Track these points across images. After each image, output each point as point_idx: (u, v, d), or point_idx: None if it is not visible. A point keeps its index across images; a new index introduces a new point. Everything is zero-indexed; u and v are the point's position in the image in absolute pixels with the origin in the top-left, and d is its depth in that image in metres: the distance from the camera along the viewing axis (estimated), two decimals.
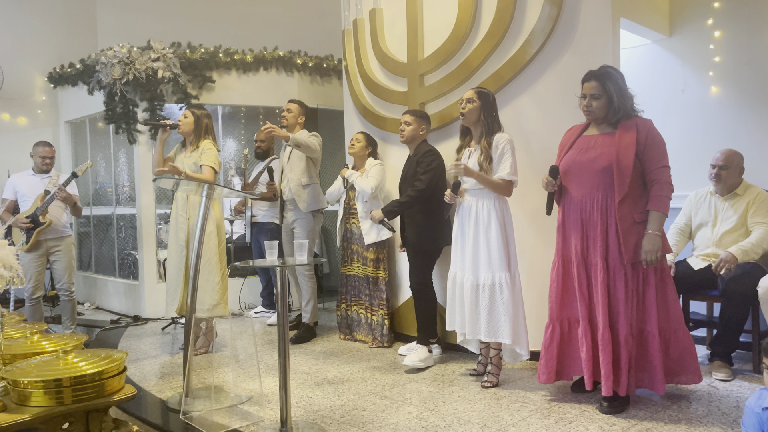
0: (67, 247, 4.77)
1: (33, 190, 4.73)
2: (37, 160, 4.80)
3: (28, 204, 4.70)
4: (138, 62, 5.40)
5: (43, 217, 4.60)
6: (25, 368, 2.22)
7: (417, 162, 3.85)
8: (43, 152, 4.80)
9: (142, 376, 3.77)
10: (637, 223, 2.84)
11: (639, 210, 2.85)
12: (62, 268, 4.73)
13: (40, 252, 4.66)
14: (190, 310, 3.17)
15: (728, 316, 3.42)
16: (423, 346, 3.83)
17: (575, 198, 2.98)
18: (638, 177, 2.85)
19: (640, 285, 2.90)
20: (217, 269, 4.04)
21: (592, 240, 2.92)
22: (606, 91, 2.89)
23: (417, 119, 3.91)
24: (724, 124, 4.16)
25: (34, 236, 4.59)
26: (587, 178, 2.92)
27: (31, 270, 4.62)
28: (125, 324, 5.40)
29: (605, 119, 2.95)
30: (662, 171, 2.82)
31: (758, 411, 1.96)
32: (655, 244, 2.80)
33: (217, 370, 3.87)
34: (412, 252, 3.92)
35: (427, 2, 4.26)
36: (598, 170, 2.87)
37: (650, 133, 2.84)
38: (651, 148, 2.82)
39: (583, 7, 3.56)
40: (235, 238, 6.15)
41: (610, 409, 2.89)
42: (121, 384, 2.33)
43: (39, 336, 2.76)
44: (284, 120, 4.67)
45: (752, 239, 3.47)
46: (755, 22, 4.01)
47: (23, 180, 4.81)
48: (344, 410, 3.06)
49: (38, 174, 4.83)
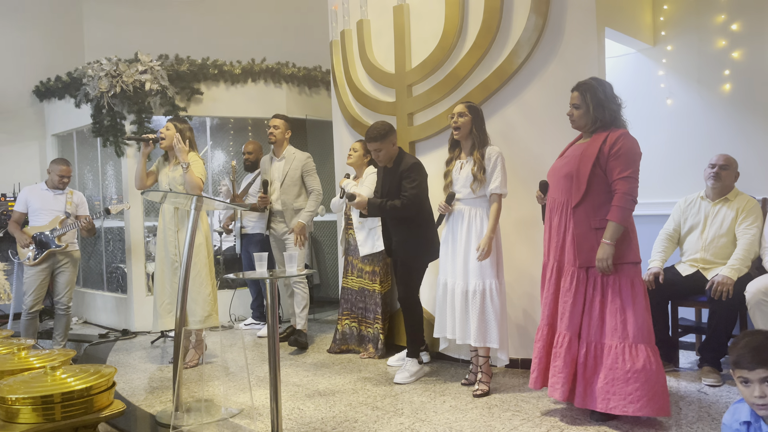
0: (73, 261, 4.79)
1: (46, 205, 4.74)
2: (55, 178, 4.79)
3: (40, 219, 4.71)
4: (125, 75, 5.39)
5: (59, 239, 4.65)
6: (13, 385, 2.20)
7: (402, 176, 3.72)
8: (61, 171, 4.79)
9: (131, 391, 3.74)
10: (594, 230, 2.88)
11: (598, 217, 2.87)
12: (65, 282, 4.74)
13: (47, 265, 4.67)
14: (180, 323, 3.15)
15: (716, 322, 3.45)
16: (413, 359, 3.82)
17: (548, 203, 3.12)
18: (601, 185, 2.88)
19: (596, 292, 2.88)
20: (207, 280, 4.05)
21: (562, 246, 3.01)
22: (585, 102, 2.96)
23: (383, 141, 3.69)
24: (708, 132, 4.21)
25: (45, 254, 4.62)
26: (555, 184, 3.05)
27: (34, 284, 4.62)
28: (114, 338, 5.35)
29: (586, 128, 3.01)
30: (623, 182, 2.82)
31: (737, 427, 1.90)
32: (605, 253, 2.81)
33: (207, 384, 3.84)
34: (399, 265, 3.90)
35: (414, 13, 4.29)
36: (562, 176, 2.99)
37: (617, 143, 2.85)
38: (615, 159, 2.84)
39: (568, 18, 3.60)
40: (224, 249, 6.12)
41: (602, 416, 2.89)
42: (110, 399, 2.31)
43: (26, 352, 2.74)
44: (272, 137, 4.69)
45: (739, 254, 3.48)
46: (737, 32, 4.07)
47: (36, 194, 4.79)
48: (336, 422, 3.04)
49: (51, 189, 4.81)
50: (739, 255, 3.48)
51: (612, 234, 2.82)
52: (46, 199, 4.76)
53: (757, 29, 3.98)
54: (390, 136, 3.74)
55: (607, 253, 2.81)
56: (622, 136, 2.88)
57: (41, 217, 4.71)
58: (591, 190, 2.88)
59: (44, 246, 4.63)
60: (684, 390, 3.33)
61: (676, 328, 3.78)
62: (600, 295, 2.88)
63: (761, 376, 1.79)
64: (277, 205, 4.69)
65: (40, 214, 4.72)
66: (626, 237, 2.87)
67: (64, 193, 4.83)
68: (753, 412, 1.88)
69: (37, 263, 4.60)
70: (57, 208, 4.77)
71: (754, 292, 3.25)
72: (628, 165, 2.84)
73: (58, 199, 4.79)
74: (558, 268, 3.04)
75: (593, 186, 2.88)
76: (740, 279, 3.41)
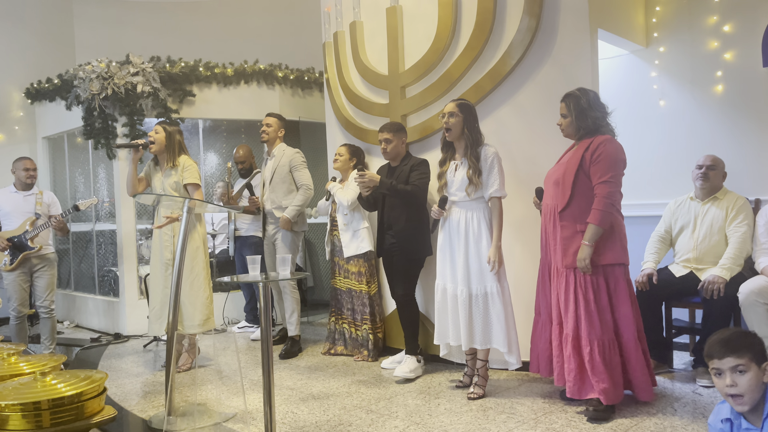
0: (50, 264, 4.74)
1: (17, 208, 4.68)
2: (21, 174, 4.73)
3: (12, 223, 4.65)
4: (117, 77, 5.35)
5: (32, 241, 4.58)
6: (2, 391, 2.17)
7: (411, 170, 3.86)
8: (24, 164, 4.74)
9: (123, 396, 3.71)
10: (580, 233, 3.02)
11: (583, 221, 3.01)
12: (44, 285, 4.68)
13: (24, 269, 4.62)
14: (172, 326, 3.12)
15: (711, 323, 3.44)
16: (412, 356, 3.82)
17: (543, 208, 3.25)
18: (586, 191, 3.02)
19: (579, 290, 3.01)
20: (205, 284, 4.02)
21: (547, 245, 3.22)
22: (570, 111, 3.10)
23: (395, 134, 3.90)
24: (701, 133, 4.22)
25: (20, 258, 4.56)
26: (547, 190, 3.22)
27: (15, 288, 4.58)
28: (106, 342, 5.31)
29: (574, 135, 3.16)
30: (602, 186, 2.95)
31: (720, 426, 1.97)
32: (582, 253, 2.97)
33: (200, 388, 3.81)
34: (397, 263, 3.90)
35: (407, 15, 4.28)
36: (552, 183, 3.15)
37: (598, 149, 2.97)
38: (596, 164, 2.97)
39: (561, 19, 3.60)
40: (218, 252, 6.09)
41: (597, 415, 2.91)
42: (101, 405, 2.29)
43: (16, 357, 2.70)
44: (264, 135, 4.65)
45: (731, 253, 3.49)
46: (730, 33, 4.08)
47: (5, 197, 4.74)
48: (330, 426, 3.02)
49: (21, 191, 4.76)
50: (730, 254, 3.49)
51: (591, 236, 2.96)
52: (16, 202, 4.71)
53: (749, 30, 3.99)
54: (403, 133, 3.98)
55: (586, 254, 2.96)
56: (605, 142, 3.00)
57: (13, 221, 4.65)
58: (575, 195, 3.02)
59: (19, 249, 4.57)
60: (678, 391, 3.33)
61: (670, 328, 3.78)
62: (582, 292, 3.01)
63: (731, 365, 1.87)
64: (267, 204, 4.64)
65: (12, 218, 4.66)
66: (613, 239, 3.00)
67: (34, 194, 4.77)
68: (732, 409, 1.92)
69: (12, 268, 4.55)
70: (27, 209, 4.71)
71: (747, 293, 3.25)
72: (608, 169, 2.95)
73: (27, 201, 4.74)
74: (552, 269, 3.20)
75: (578, 191, 3.02)
76: (734, 279, 3.41)
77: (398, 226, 3.86)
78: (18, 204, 4.70)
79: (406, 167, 3.90)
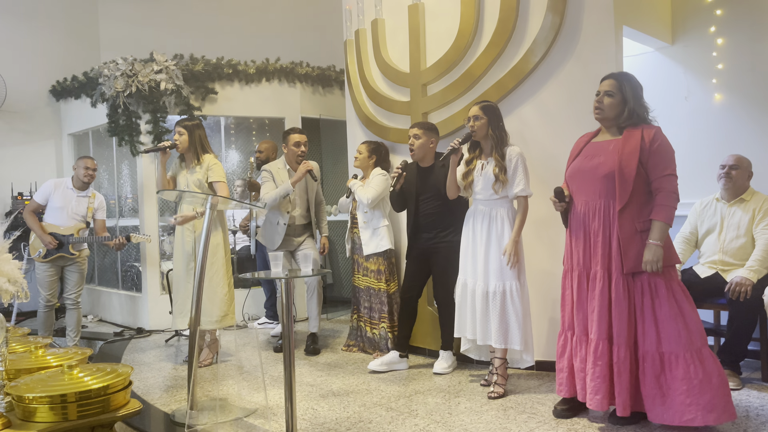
0: (83, 260, 4.77)
1: (68, 206, 4.67)
2: (80, 172, 4.70)
3: (57, 217, 4.64)
4: (141, 74, 5.41)
5: (72, 248, 4.62)
6: (30, 383, 2.21)
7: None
8: (86, 163, 4.72)
9: (146, 390, 3.75)
10: (639, 232, 2.73)
11: (642, 219, 2.74)
12: (75, 280, 4.72)
13: (57, 263, 4.66)
14: (195, 322, 3.16)
15: (736, 325, 3.39)
16: (449, 351, 3.91)
17: (578, 206, 2.92)
18: (642, 184, 2.75)
19: (645, 298, 2.74)
20: (224, 280, 4.06)
21: (593, 249, 2.84)
22: (621, 91, 2.80)
23: (425, 132, 3.85)
24: (728, 132, 4.15)
25: (55, 256, 4.60)
26: (590, 185, 2.84)
27: (46, 279, 4.62)
28: (128, 336, 5.38)
29: (614, 121, 2.85)
30: (667, 179, 2.70)
31: None
32: (655, 255, 2.67)
33: (221, 383, 3.85)
34: (438, 266, 3.86)
35: (429, 12, 4.27)
36: (601, 177, 2.79)
37: (655, 139, 2.72)
38: (656, 155, 2.71)
39: (585, 16, 3.56)
40: (238, 249, 6.13)
41: (620, 420, 2.84)
42: (126, 399, 2.32)
43: (43, 350, 2.75)
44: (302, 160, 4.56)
45: (758, 255, 3.42)
46: (758, 29, 4.01)
47: (60, 192, 4.70)
48: (350, 422, 3.03)
49: (76, 189, 4.74)
50: (757, 256, 3.43)
51: (660, 234, 2.68)
52: (69, 200, 4.69)
53: None
54: (434, 134, 3.90)
55: (657, 255, 2.67)
56: (659, 131, 2.76)
57: (59, 217, 4.64)
58: (635, 190, 2.74)
59: (59, 246, 4.61)
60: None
61: None
62: (649, 299, 2.73)
63: None
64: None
65: (59, 214, 4.65)
66: (668, 238, 2.76)
67: (87, 196, 4.77)
68: None
69: (47, 261, 4.60)
70: (79, 212, 4.70)
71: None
72: (670, 162, 2.73)
73: (80, 202, 4.73)
74: (586, 274, 2.88)
75: (637, 186, 2.73)
76: (760, 281, 3.36)
77: (438, 230, 3.83)
78: (70, 202, 4.68)
79: (443, 170, 3.74)
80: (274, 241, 4.57)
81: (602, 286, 2.80)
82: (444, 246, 3.81)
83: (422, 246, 3.90)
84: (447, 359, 3.90)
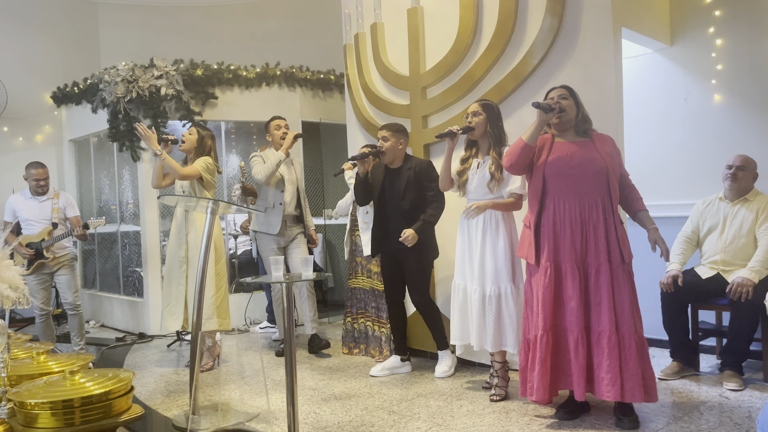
0: (68, 265, 4.77)
1: (34, 214, 4.70)
2: (31, 183, 4.73)
3: (32, 229, 4.68)
4: (141, 80, 5.43)
5: (47, 251, 4.62)
6: (32, 389, 2.21)
7: (417, 174, 3.77)
8: (36, 174, 4.70)
9: (148, 395, 3.75)
10: (621, 224, 2.98)
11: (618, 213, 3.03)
12: (66, 284, 4.74)
13: (43, 271, 4.68)
14: (197, 326, 3.16)
15: (738, 326, 3.39)
16: (446, 351, 3.88)
17: (570, 201, 2.92)
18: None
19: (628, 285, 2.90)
20: (212, 283, 4.06)
21: (596, 242, 2.88)
22: (573, 96, 3.02)
23: (394, 133, 3.82)
24: (728, 133, 4.15)
25: (36, 264, 4.62)
26: (584, 182, 2.90)
27: (36, 288, 4.64)
28: (130, 341, 5.38)
29: (572, 123, 3.01)
30: (629, 179, 3.12)
31: None
32: (659, 234, 3.02)
33: (223, 387, 3.85)
34: (409, 269, 3.84)
35: (428, 15, 4.28)
36: (593, 174, 2.90)
37: (612, 142, 3.05)
38: (619, 157, 3.05)
39: (584, 18, 3.57)
40: (239, 253, 6.14)
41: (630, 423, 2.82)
42: (128, 404, 2.32)
43: (45, 356, 2.75)
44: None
45: (760, 255, 3.43)
46: (757, 29, 4.01)
47: (22, 204, 4.75)
48: (352, 426, 3.03)
49: (36, 197, 4.76)
50: (759, 257, 3.43)
51: (650, 219, 3.06)
52: (32, 208, 4.71)
53: None
54: (402, 135, 3.87)
55: (659, 236, 3.01)
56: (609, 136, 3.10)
57: (33, 226, 4.68)
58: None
59: (36, 256, 4.61)
60: (705, 394, 3.28)
61: (696, 331, 3.73)
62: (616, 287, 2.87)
63: None
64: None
65: (31, 223, 4.69)
66: None
67: (49, 199, 4.77)
68: None
69: (29, 273, 4.58)
70: (44, 217, 4.71)
71: None
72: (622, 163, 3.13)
73: (43, 207, 4.73)
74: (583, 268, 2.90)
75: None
76: (762, 282, 3.35)
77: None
78: (34, 210, 4.71)
79: (409, 171, 3.78)
80: (273, 223, 4.50)
81: (607, 277, 2.86)
82: (413, 250, 3.76)
83: (391, 251, 3.87)
84: (447, 359, 3.89)
